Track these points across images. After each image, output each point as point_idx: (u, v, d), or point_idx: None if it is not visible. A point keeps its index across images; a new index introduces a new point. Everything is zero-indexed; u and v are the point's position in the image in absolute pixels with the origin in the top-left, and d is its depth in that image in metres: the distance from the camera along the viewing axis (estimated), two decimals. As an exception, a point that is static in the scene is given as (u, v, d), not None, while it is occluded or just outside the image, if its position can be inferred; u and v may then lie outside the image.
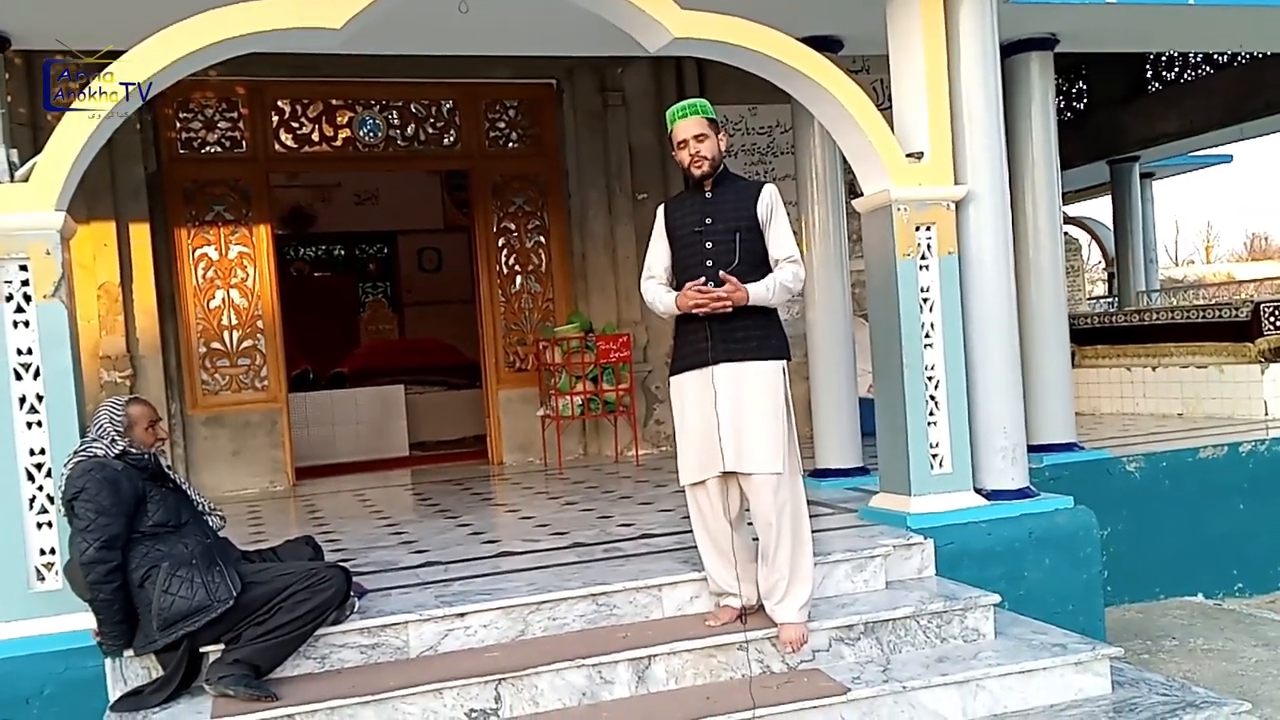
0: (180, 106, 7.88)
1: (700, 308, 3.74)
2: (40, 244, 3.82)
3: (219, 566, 3.58)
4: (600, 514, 5.73)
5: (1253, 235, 35.41)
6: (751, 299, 3.74)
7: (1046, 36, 6.38)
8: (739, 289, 3.72)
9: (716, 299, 3.71)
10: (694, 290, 3.74)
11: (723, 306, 3.72)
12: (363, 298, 14.91)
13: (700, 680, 3.82)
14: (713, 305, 3.72)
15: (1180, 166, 14.78)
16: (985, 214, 5.00)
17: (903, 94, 5.05)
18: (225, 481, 7.83)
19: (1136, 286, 12.72)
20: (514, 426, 8.67)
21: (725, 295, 3.71)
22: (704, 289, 3.73)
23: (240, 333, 8.05)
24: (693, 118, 3.84)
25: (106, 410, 3.72)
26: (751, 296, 3.74)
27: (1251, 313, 8.12)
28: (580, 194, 8.72)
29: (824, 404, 6.19)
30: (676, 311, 3.87)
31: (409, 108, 8.50)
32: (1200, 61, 10.84)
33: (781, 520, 3.76)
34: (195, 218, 7.95)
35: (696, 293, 3.73)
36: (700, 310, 3.74)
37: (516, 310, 8.81)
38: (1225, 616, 6.22)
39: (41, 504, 3.84)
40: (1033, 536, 4.88)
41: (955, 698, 3.80)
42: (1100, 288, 19.26)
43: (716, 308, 3.72)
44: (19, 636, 3.74)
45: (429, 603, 3.98)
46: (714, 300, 3.71)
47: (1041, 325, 6.40)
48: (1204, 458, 6.76)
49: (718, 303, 3.71)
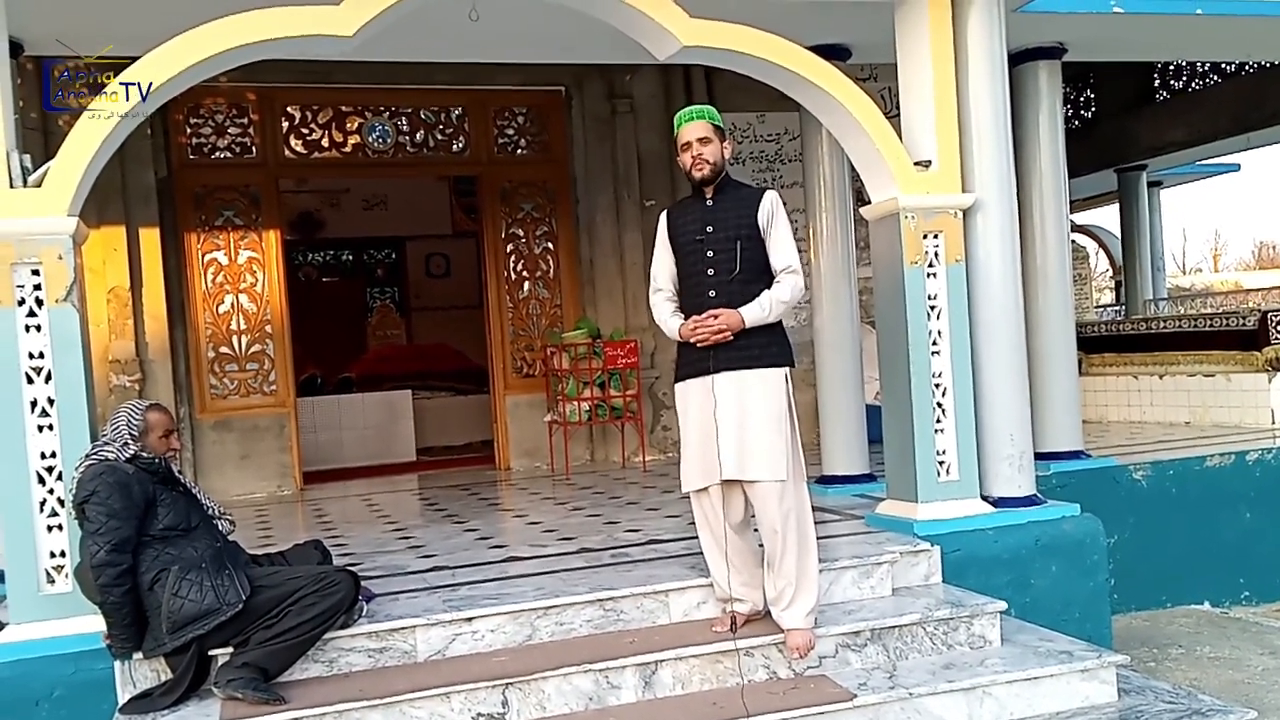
0: (191, 112, 7.92)
1: (703, 342, 3.77)
2: (53, 249, 3.85)
3: (228, 570, 3.60)
4: (607, 519, 5.75)
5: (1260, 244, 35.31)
6: (748, 322, 3.76)
7: (1054, 46, 6.40)
8: (733, 315, 3.74)
9: (716, 332, 3.74)
10: (692, 324, 3.79)
11: (723, 337, 3.75)
12: (371, 303, 14.95)
13: (707, 686, 3.83)
14: (713, 338, 3.76)
15: (1188, 175, 14.77)
16: (993, 222, 5.01)
17: (910, 102, 5.06)
18: (233, 486, 7.86)
19: (1144, 295, 12.70)
20: (521, 432, 8.69)
21: (723, 326, 3.74)
22: (701, 321, 3.76)
23: (249, 337, 8.08)
24: (698, 121, 3.86)
25: (125, 413, 3.74)
26: (747, 320, 3.76)
27: (1259, 321, 8.11)
28: (588, 200, 8.75)
29: (831, 411, 6.21)
30: (679, 339, 3.90)
31: (418, 114, 8.53)
32: (1208, 71, 10.84)
33: (786, 527, 3.76)
34: (205, 223, 8.00)
35: (694, 327, 3.77)
36: (702, 344, 3.78)
37: (524, 316, 8.83)
38: (1232, 625, 6.20)
39: (52, 507, 3.87)
40: (1039, 544, 4.88)
41: (961, 704, 3.80)
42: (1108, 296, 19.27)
43: (717, 339, 3.76)
44: (29, 639, 3.76)
45: (437, 607, 3.99)
46: (713, 333, 3.75)
47: (1049, 333, 6.41)
48: (1211, 466, 6.76)
49: (717, 335, 3.75)
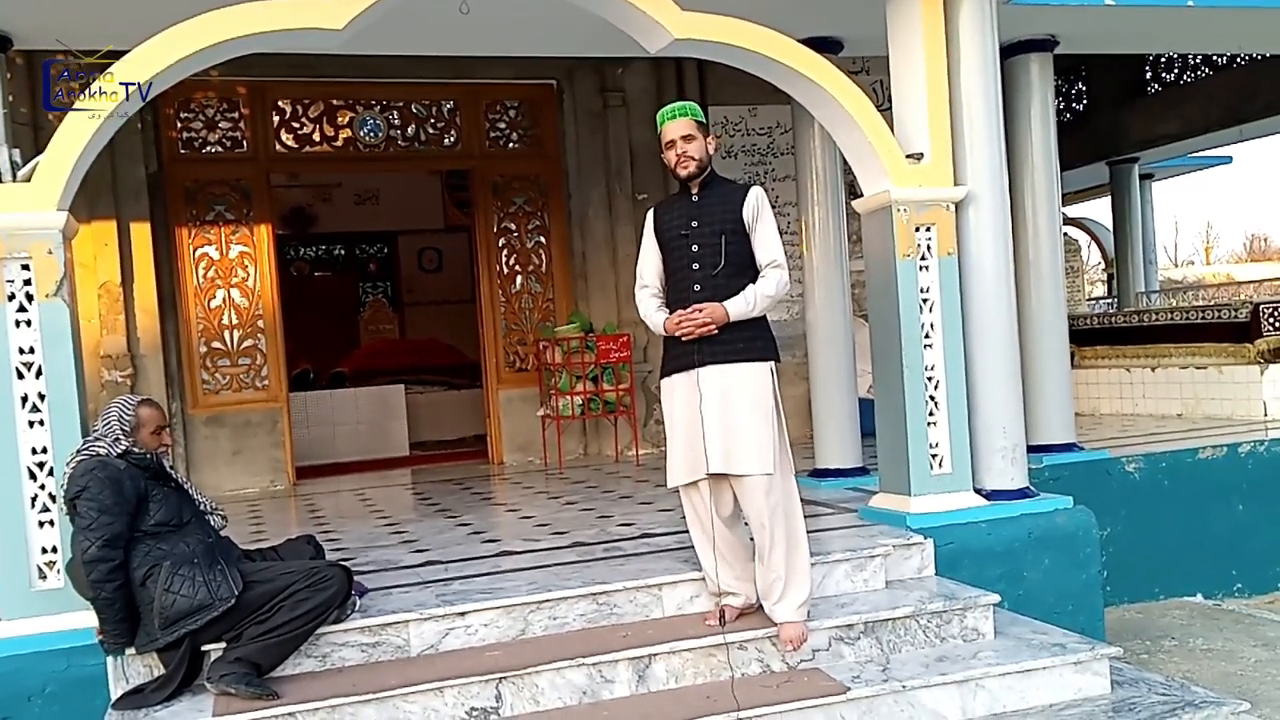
0: (181, 106, 7.89)
1: (688, 335, 3.78)
2: (42, 243, 3.83)
3: (220, 565, 3.60)
4: (600, 513, 5.74)
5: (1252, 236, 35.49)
6: (732, 315, 3.77)
7: (1046, 38, 6.39)
8: (717, 308, 3.75)
9: (700, 325, 3.75)
10: (676, 318, 3.80)
11: (707, 330, 3.76)
12: (363, 297, 14.90)
13: (700, 679, 3.83)
14: (698, 331, 3.76)
15: (1180, 168, 14.80)
16: (985, 215, 5.01)
17: (903, 95, 5.06)
18: (226, 481, 7.84)
19: (1136, 287, 12.73)
20: (514, 426, 8.68)
21: (707, 319, 3.74)
22: (686, 315, 3.77)
23: (241, 332, 8.06)
24: (681, 119, 3.86)
25: (117, 408, 3.73)
26: (731, 313, 3.77)
27: (1251, 314, 8.14)
28: (580, 194, 8.73)
29: (824, 404, 6.21)
30: (664, 334, 3.91)
31: (410, 108, 8.50)
32: (1200, 63, 10.85)
33: (774, 521, 3.77)
34: (196, 217, 7.96)
35: (678, 321, 3.78)
36: (687, 337, 3.78)
37: (517, 310, 8.82)
38: (1224, 617, 6.23)
39: (43, 503, 3.86)
40: (1032, 536, 4.89)
41: (955, 697, 3.80)
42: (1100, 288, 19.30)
43: (701, 332, 3.76)
44: (21, 635, 3.76)
45: (430, 602, 3.99)
46: (698, 326, 3.75)
47: (1041, 326, 6.42)
48: (1203, 458, 6.77)
49: (702, 328, 3.75)
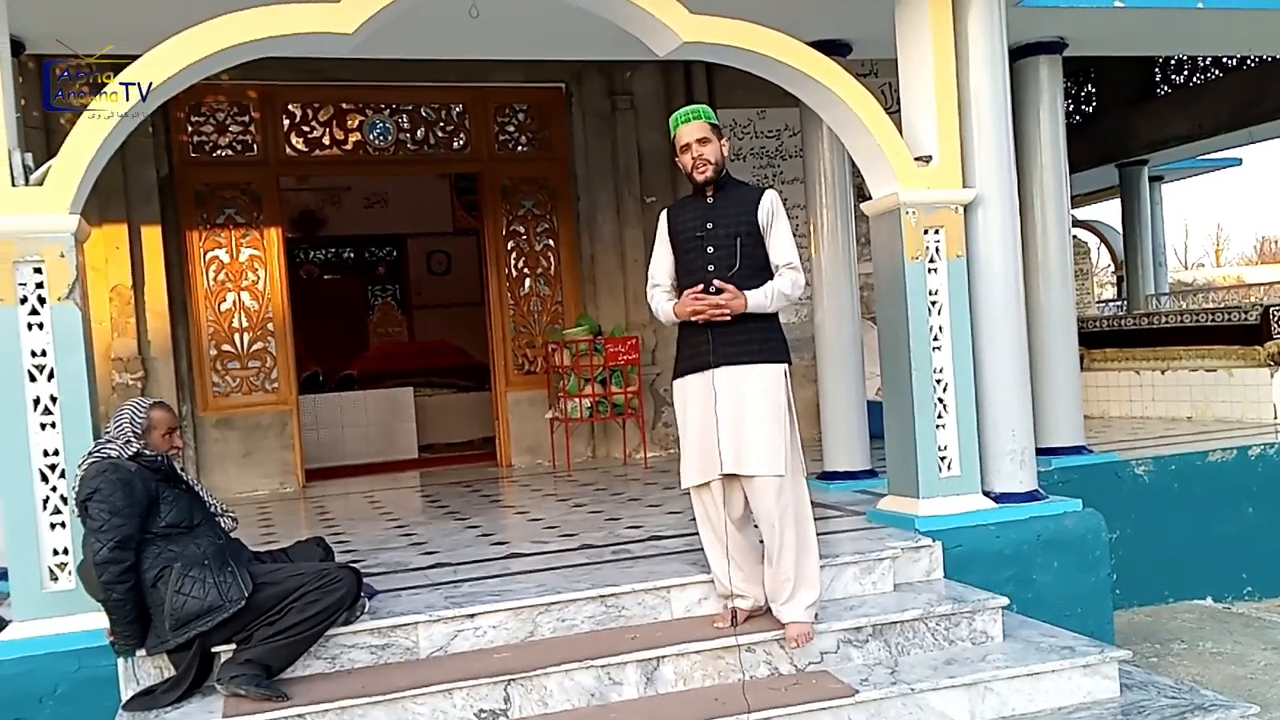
0: (192, 110, 7.92)
1: (699, 315, 3.76)
2: (55, 247, 3.85)
3: (231, 567, 3.61)
4: (609, 516, 5.75)
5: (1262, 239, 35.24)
6: (750, 306, 3.76)
7: (1055, 40, 6.39)
8: (737, 296, 3.74)
9: (715, 306, 3.73)
10: (692, 297, 3.77)
11: (721, 314, 3.74)
12: (372, 300, 14.95)
13: (709, 682, 3.83)
14: (711, 313, 3.74)
15: (1189, 170, 14.75)
16: (994, 217, 5.00)
17: (911, 98, 5.06)
18: (236, 483, 7.87)
19: (1145, 290, 12.69)
20: (523, 429, 8.69)
21: (723, 303, 3.73)
22: (701, 296, 3.75)
23: (251, 335, 8.09)
24: (695, 122, 3.86)
25: (129, 411, 3.74)
26: (750, 304, 3.76)
27: (1261, 316, 8.11)
28: (589, 197, 8.74)
29: (832, 406, 6.20)
30: (676, 319, 3.90)
31: (419, 111, 8.53)
32: (1209, 65, 10.82)
33: (785, 523, 3.77)
34: (206, 221, 8.00)
35: (694, 300, 3.76)
36: (699, 318, 3.77)
37: (525, 313, 8.83)
38: (1234, 620, 6.21)
39: (55, 505, 3.87)
40: (1041, 539, 4.88)
41: (963, 700, 3.80)
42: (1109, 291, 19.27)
43: (715, 315, 3.74)
44: (33, 636, 3.77)
45: (439, 604, 4.00)
46: (712, 308, 3.73)
47: (1050, 328, 6.41)
48: (1213, 461, 6.75)
49: (716, 310, 3.73)
